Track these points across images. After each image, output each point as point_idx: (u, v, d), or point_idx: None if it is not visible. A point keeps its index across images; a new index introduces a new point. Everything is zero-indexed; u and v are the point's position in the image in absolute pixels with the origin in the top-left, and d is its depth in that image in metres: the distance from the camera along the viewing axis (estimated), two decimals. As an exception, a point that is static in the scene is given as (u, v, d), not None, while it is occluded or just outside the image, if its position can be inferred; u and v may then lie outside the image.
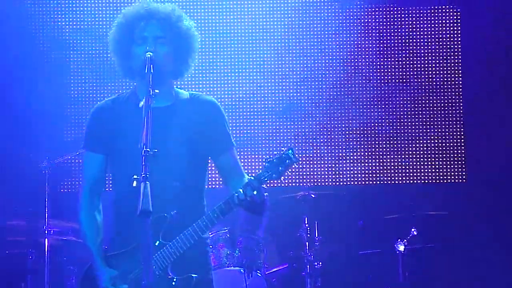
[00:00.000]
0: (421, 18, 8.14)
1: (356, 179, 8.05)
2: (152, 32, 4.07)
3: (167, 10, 4.13)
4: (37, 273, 6.85)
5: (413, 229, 7.07)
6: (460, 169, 8.06)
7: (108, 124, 4.16)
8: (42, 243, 6.71)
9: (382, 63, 8.14)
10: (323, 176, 8.03)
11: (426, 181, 8.06)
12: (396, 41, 8.14)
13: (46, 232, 6.71)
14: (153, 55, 3.95)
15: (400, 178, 8.06)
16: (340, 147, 8.08)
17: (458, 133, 8.10)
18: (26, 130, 7.86)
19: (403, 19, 8.15)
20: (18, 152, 7.81)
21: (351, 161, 8.06)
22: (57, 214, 6.93)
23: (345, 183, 8.04)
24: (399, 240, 7.09)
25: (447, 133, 8.10)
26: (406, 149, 8.09)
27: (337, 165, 8.06)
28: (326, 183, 8.01)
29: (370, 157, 8.07)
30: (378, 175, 8.05)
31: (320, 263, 6.93)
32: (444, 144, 8.09)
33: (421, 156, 8.08)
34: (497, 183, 7.93)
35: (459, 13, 8.14)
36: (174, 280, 3.96)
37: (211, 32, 8.05)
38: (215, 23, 8.10)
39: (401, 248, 7.06)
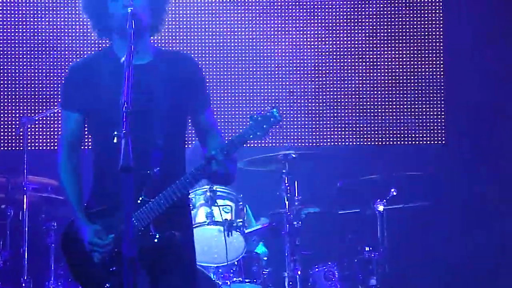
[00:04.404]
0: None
1: (336, 140, 8.07)
2: (127, -13, 4.00)
3: None
4: (16, 229, 6.83)
5: (392, 190, 7.09)
6: (439, 131, 8.10)
7: (85, 82, 4.12)
8: (21, 200, 6.70)
9: (361, 28, 8.11)
10: (304, 136, 8.05)
11: (406, 143, 8.11)
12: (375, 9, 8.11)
13: (25, 188, 6.69)
14: (133, 10, 3.90)
15: (379, 140, 8.09)
16: (321, 108, 8.09)
17: (438, 95, 8.11)
18: (5, 87, 7.81)
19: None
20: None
21: (332, 122, 8.08)
22: (36, 170, 6.90)
23: (325, 144, 8.06)
24: (378, 200, 7.12)
25: (426, 96, 8.11)
26: (385, 111, 8.11)
27: (317, 126, 8.08)
28: (307, 144, 8.03)
29: (349, 118, 8.09)
30: (358, 136, 8.08)
31: (300, 223, 6.94)
32: (423, 106, 8.11)
33: (400, 117, 8.10)
34: (476, 144, 7.99)
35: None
36: (157, 237, 3.97)
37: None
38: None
39: (380, 208, 7.09)
